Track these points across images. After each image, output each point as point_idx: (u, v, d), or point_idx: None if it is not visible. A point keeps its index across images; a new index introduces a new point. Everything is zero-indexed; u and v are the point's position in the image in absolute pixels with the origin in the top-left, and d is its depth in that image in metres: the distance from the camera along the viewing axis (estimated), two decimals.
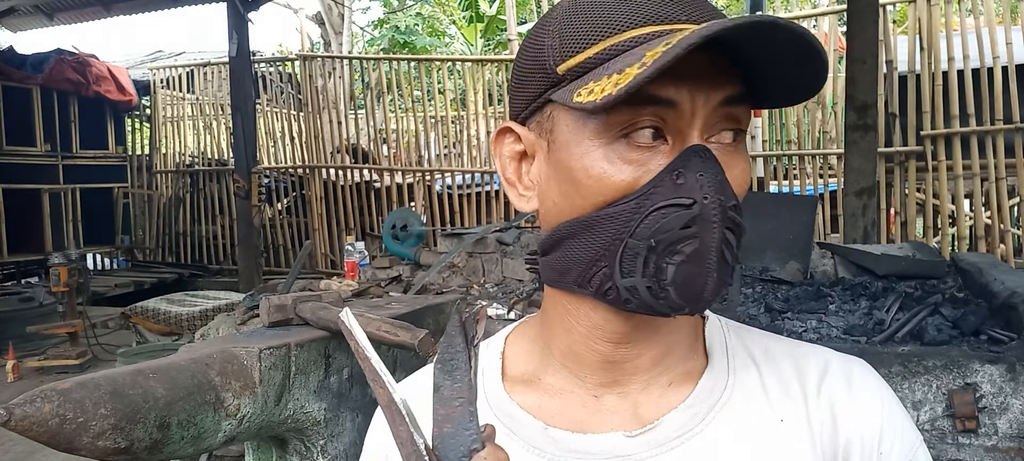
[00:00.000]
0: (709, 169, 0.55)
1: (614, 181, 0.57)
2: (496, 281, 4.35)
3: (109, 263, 10.47)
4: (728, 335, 0.70)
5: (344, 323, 0.57)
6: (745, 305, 3.12)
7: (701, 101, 0.56)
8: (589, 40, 0.58)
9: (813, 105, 7.12)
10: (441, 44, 18.20)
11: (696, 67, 0.55)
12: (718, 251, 0.56)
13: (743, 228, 0.58)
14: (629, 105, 0.55)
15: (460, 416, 0.54)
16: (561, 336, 0.67)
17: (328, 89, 9.16)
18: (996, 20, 6.07)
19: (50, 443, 1.28)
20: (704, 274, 0.56)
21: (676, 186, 0.55)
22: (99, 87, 9.82)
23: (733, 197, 0.57)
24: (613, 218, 0.57)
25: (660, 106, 0.56)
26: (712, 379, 0.66)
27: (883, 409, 0.65)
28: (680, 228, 0.55)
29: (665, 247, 0.55)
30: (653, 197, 0.56)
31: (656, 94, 0.55)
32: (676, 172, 0.56)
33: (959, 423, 2.23)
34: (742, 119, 0.60)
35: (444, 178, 8.71)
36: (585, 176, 0.58)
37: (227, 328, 3.36)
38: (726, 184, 0.56)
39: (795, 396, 0.65)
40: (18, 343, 6.35)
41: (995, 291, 2.80)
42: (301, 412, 1.96)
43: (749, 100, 0.59)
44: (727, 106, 0.58)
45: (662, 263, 0.56)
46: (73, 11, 9.02)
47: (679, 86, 0.55)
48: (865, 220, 4.48)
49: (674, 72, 0.53)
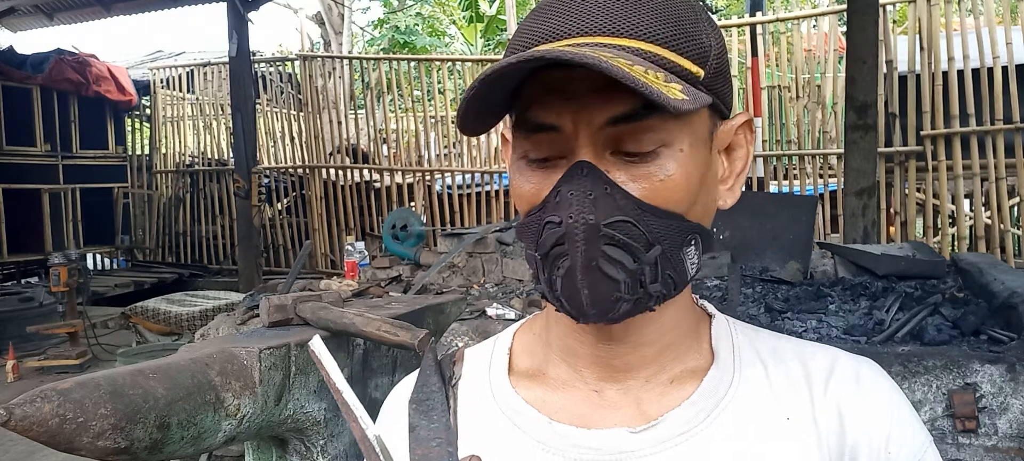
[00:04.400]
0: (578, 188, 0.57)
1: (523, 193, 0.62)
2: (496, 281, 4.35)
3: (109, 263, 10.47)
4: (735, 334, 0.70)
5: (315, 354, 0.56)
6: (745, 305, 3.12)
7: (584, 122, 0.58)
8: (509, 55, 0.61)
9: (813, 105, 7.12)
10: (441, 44, 18.20)
11: (581, 87, 0.57)
12: (585, 268, 0.57)
13: (631, 244, 0.57)
14: (524, 128, 0.60)
15: (437, 457, 0.53)
16: (557, 329, 0.68)
17: (328, 89, 9.17)
18: (996, 20, 6.07)
19: (50, 443, 1.28)
20: (577, 288, 0.58)
21: (555, 204, 0.58)
22: (99, 87, 9.83)
23: (617, 212, 0.57)
24: (529, 227, 0.61)
25: (548, 130, 0.59)
26: (717, 377, 0.66)
27: (892, 410, 0.65)
28: (553, 245, 0.58)
29: (551, 261, 0.59)
30: (544, 212, 0.59)
31: (539, 121, 0.59)
32: (556, 190, 0.58)
33: (959, 423, 2.23)
34: (657, 129, 0.58)
35: (444, 178, 8.71)
36: (512, 184, 0.64)
37: (227, 328, 3.36)
38: (604, 200, 0.57)
39: (802, 395, 0.65)
40: (18, 343, 6.35)
41: (995, 291, 2.80)
42: (301, 412, 1.96)
43: (658, 110, 0.57)
44: (622, 123, 0.57)
45: (552, 275, 0.59)
46: (73, 11, 9.02)
47: (562, 110, 0.58)
48: (865, 220, 4.48)
49: (561, 93, 0.57)
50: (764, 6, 8.03)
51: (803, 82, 7.12)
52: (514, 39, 0.63)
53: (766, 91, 7.41)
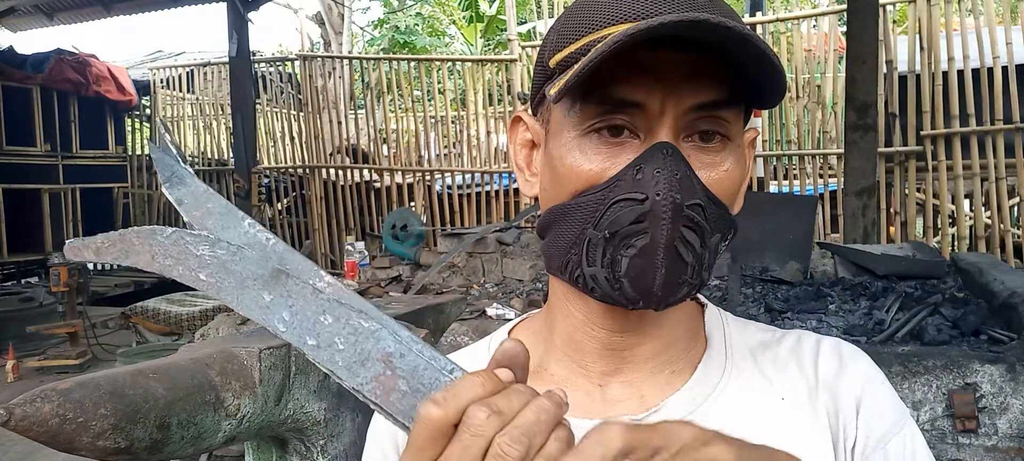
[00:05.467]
0: (667, 167, 0.56)
1: (582, 171, 0.60)
2: (496, 281, 4.35)
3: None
4: (726, 323, 0.72)
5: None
6: (745, 305, 3.12)
7: (672, 103, 0.58)
8: (575, 35, 0.60)
9: (813, 105, 7.12)
10: (441, 44, 18.20)
11: (670, 69, 0.57)
12: (667, 247, 0.57)
13: (704, 228, 0.58)
14: (599, 104, 0.58)
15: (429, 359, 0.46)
16: (562, 323, 0.68)
17: (328, 89, 9.16)
18: (996, 20, 6.07)
19: (50, 443, 1.28)
20: (653, 269, 0.57)
21: (635, 181, 0.57)
22: (99, 87, 9.82)
23: (695, 195, 0.58)
24: (582, 208, 0.60)
25: (629, 107, 0.58)
26: (710, 363, 0.68)
27: (874, 382, 0.68)
28: (631, 222, 0.57)
29: (620, 239, 0.57)
30: (615, 190, 0.58)
31: (623, 97, 0.58)
32: (637, 168, 0.57)
33: (959, 423, 2.23)
34: (729, 122, 0.60)
35: (444, 178, 8.71)
36: (561, 164, 0.61)
37: (227, 328, 3.36)
38: (687, 181, 0.57)
39: (794, 377, 0.67)
40: (18, 343, 6.35)
41: (995, 291, 2.80)
42: (301, 412, 1.96)
43: (737, 104, 0.60)
44: (705, 110, 0.59)
45: (618, 255, 0.58)
46: (73, 11, 9.02)
47: (650, 88, 0.57)
48: (865, 220, 4.48)
49: (648, 72, 0.56)
50: (764, 6, 8.03)
51: (803, 82, 7.12)
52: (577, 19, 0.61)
53: None
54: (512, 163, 0.71)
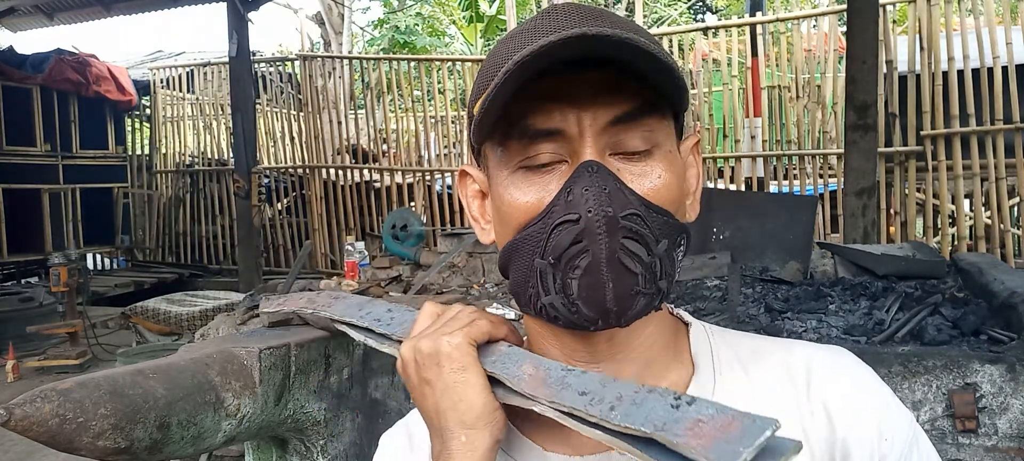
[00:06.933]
0: (594, 183, 0.58)
1: (520, 204, 0.62)
2: (496, 281, 4.35)
3: (109, 263, 10.47)
4: (713, 340, 0.71)
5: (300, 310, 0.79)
6: (745, 305, 3.12)
7: (588, 122, 0.59)
8: (488, 79, 0.62)
9: (813, 105, 7.12)
10: (441, 44, 18.20)
11: (580, 90, 0.59)
12: (610, 260, 0.57)
13: (646, 237, 0.59)
14: (520, 139, 0.61)
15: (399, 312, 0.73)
16: None
17: (328, 89, 9.16)
18: (996, 20, 6.07)
19: (50, 443, 1.28)
20: (600, 285, 0.58)
21: (567, 203, 0.59)
22: (99, 87, 9.82)
23: (629, 206, 0.58)
24: (528, 240, 0.61)
25: (549, 136, 0.60)
26: (698, 386, 0.67)
27: (878, 401, 0.66)
28: (571, 243, 0.58)
29: (565, 263, 0.59)
30: (552, 216, 0.59)
31: (540, 128, 0.60)
32: (568, 190, 0.59)
33: (959, 423, 2.23)
34: (652, 130, 0.61)
35: (444, 178, 8.71)
36: (502, 204, 0.64)
37: (227, 328, 3.36)
38: (618, 194, 0.58)
39: (786, 394, 0.66)
40: (18, 343, 6.35)
41: (995, 291, 2.80)
42: (301, 412, 1.96)
43: (658, 111, 0.62)
44: (622, 123, 0.60)
45: (567, 278, 0.59)
46: (73, 11, 9.02)
47: (565, 112, 0.59)
48: (865, 220, 4.48)
49: (560, 98, 0.59)
50: (764, 6, 8.04)
51: (803, 82, 7.12)
52: (491, 62, 0.64)
53: (766, 91, 7.41)
54: (467, 216, 0.73)
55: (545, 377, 0.58)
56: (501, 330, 0.63)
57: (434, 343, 0.60)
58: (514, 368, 0.60)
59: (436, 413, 0.61)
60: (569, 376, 0.57)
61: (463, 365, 0.60)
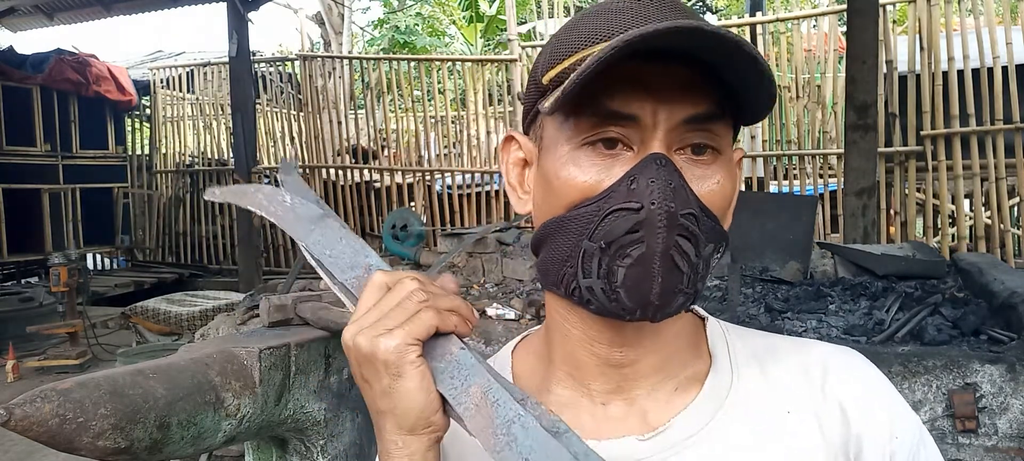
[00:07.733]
0: (661, 177, 0.57)
1: (577, 183, 0.61)
2: (496, 281, 4.35)
3: (109, 263, 10.47)
4: (729, 336, 0.72)
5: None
6: (745, 305, 3.12)
7: (664, 115, 0.59)
8: (568, 52, 0.62)
9: (813, 105, 7.12)
10: (441, 44, 18.20)
11: (662, 82, 0.58)
12: (663, 256, 0.57)
13: (699, 238, 0.59)
14: (593, 117, 0.60)
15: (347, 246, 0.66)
16: (560, 343, 0.68)
17: (328, 89, 9.16)
18: (996, 20, 6.07)
19: (50, 443, 1.28)
20: (649, 278, 0.58)
21: (630, 191, 0.58)
22: (99, 87, 9.82)
23: (689, 205, 0.58)
24: (577, 220, 0.60)
25: (622, 120, 0.59)
26: (717, 379, 0.68)
27: (889, 402, 0.68)
28: (627, 231, 0.58)
29: (616, 249, 0.58)
30: (610, 200, 0.59)
31: (616, 109, 0.59)
32: (632, 178, 0.58)
33: (959, 423, 2.23)
34: (719, 135, 0.62)
35: (444, 178, 8.71)
36: (555, 178, 0.63)
37: (227, 328, 3.36)
38: (681, 192, 0.58)
39: (800, 389, 0.67)
40: (18, 343, 6.35)
41: (995, 291, 2.80)
42: (301, 412, 1.96)
43: (726, 118, 0.62)
44: (696, 123, 0.60)
45: (614, 265, 0.58)
46: (73, 11, 9.02)
47: (643, 101, 0.59)
48: (865, 220, 4.48)
49: (641, 85, 0.58)
50: (764, 6, 8.03)
51: (803, 82, 7.12)
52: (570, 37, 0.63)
53: None
54: (504, 182, 0.72)
55: (491, 418, 0.56)
56: (450, 321, 0.58)
57: (371, 344, 0.56)
58: (461, 386, 0.57)
59: (375, 412, 0.60)
60: (516, 425, 0.55)
61: (399, 372, 0.56)
